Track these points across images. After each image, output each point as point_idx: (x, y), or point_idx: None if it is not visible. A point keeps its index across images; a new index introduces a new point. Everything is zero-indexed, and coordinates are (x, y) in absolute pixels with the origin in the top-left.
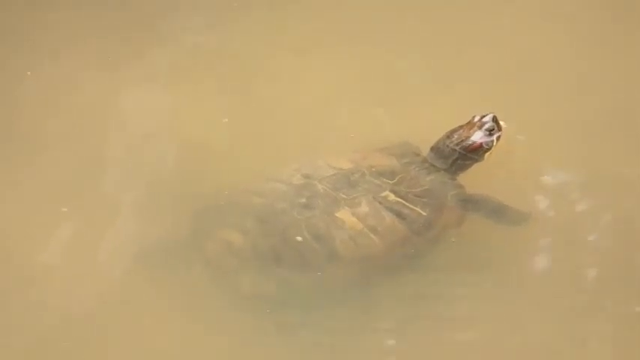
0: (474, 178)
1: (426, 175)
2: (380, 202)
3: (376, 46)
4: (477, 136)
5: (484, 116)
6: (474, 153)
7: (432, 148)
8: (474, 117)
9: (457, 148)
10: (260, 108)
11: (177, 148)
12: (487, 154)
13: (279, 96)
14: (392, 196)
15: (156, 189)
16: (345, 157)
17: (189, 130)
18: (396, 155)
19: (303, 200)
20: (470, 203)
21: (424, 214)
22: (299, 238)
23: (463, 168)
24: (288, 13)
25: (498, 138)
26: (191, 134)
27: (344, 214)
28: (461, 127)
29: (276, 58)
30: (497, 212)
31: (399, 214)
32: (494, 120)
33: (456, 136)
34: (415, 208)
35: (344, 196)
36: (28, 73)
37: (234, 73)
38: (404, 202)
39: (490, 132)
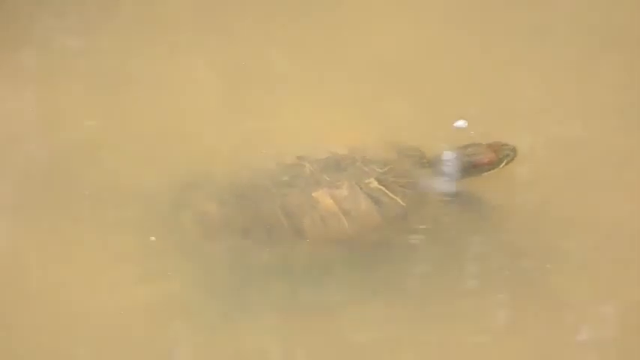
0: None
1: (419, 169)
2: (361, 188)
3: (250, 46)
4: (489, 156)
5: (506, 144)
6: (477, 168)
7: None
8: (498, 141)
9: (465, 158)
10: (128, 109)
11: (45, 148)
12: (486, 174)
13: (148, 97)
14: (375, 183)
15: (25, 188)
16: (347, 144)
17: (57, 131)
18: (397, 148)
19: (286, 179)
20: (453, 199)
21: (402, 204)
22: (270, 214)
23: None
24: (156, 15)
25: (506, 164)
26: (59, 135)
27: (321, 195)
28: (480, 144)
29: (145, 59)
30: (473, 207)
31: (377, 201)
32: (513, 150)
33: (471, 149)
34: (395, 197)
35: (327, 178)
36: None
37: (104, 75)
38: (385, 190)
39: (502, 159)
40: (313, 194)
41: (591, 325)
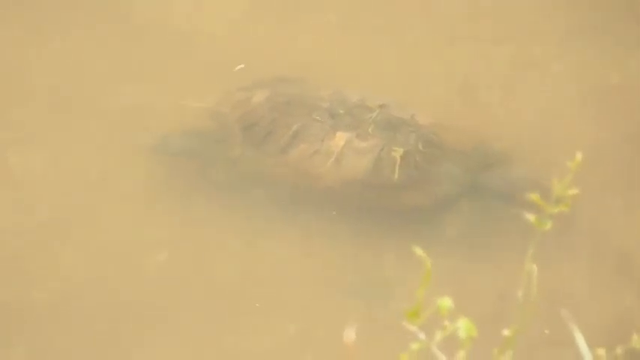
0: None
1: (456, 166)
2: (382, 149)
3: None
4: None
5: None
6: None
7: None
8: None
9: (507, 185)
10: None
11: None
12: None
13: None
14: (399, 153)
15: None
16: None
17: None
18: (479, 143)
19: (341, 112)
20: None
21: (395, 177)
22: (283, 127)
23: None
24: None
25: None
26: None
27: (340, 136)
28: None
29: None
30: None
31: (377, 165)
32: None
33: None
34: (397, 170)
35: (370, 130)
36: None
37: None
38: (398, 161)
39: None
40: (337, 132)
41: None
